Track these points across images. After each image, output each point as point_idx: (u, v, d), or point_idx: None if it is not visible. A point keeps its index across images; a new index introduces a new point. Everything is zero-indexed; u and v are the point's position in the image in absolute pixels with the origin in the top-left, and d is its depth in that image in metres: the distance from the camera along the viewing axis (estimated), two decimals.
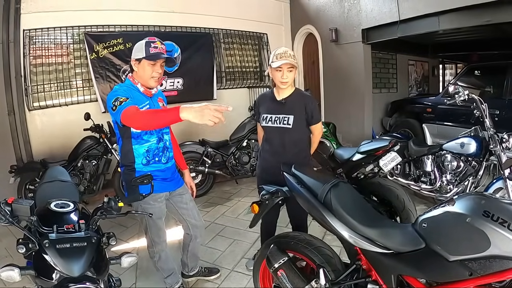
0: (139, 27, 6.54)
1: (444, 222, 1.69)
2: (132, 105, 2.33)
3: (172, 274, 3.06)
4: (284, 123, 2.93)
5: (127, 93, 2.48)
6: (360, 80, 7.41)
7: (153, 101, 2.73)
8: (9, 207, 1.89)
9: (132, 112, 2.26)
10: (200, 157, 5.83)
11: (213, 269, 3.50)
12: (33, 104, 5.72)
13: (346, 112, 7.75)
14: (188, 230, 3.11)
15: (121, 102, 2.34)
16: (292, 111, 2.93)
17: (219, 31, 7.77)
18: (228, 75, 8.01)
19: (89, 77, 6.13)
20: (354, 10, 7.19)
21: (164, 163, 2.80)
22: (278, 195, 2.39)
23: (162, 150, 2.78)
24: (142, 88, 2.64)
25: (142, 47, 2.54)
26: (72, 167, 5.26)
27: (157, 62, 2.58)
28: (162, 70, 2.67)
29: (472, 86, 6.58)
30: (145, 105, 2.60)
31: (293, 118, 2.91)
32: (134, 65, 2.62)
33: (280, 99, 2.97)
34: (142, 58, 2.54)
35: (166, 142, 2.83)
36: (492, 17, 4.99)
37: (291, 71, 2.85)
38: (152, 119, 2.20)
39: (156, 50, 2.55)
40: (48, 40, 5.83)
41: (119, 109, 2.32)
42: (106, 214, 2.12)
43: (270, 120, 2.99)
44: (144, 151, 2.68)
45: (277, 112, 2.97)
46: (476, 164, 4.05)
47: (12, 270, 1.79)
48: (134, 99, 2.47)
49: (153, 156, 2.72)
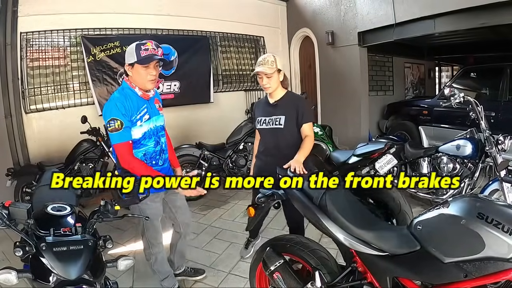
0: (136, 30, 6.54)
1: (439, 224, 1.70)
2: (127, 142, 2.52)
3: (168, 277, 3.08)
4: (276, 123, 3.05)
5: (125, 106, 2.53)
6: (356, 82, 7.43)
7: (150, 104, 2.76)
8: (6, 210, 1.89)
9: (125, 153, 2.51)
10: (197, 160, 5.83)
11: (199, 269, 3.53)
12: (30, 107, 5.71)
13: (342, 114, 7.77)
14: (179, 228, 3.15)
15: (116, 129, 2.47)
16: (283, 112, 3.04)
17: (216, 34, 7.79)
18: (225, 78, 8.01)
19: (86, 80, 6.12)
20: (350, 13, 7.21)
21: (161, 165, 2.86)
22: (274, 198, 2.40)
23: (159, 153, 2.84)
24: (140, 92, 2.66)
25: (132, 51, 2.54)
26: (69, 170, 5.26)
27: (150, 65, 2.57)
28: (157, 71, 2.66)
29: (468, 88, 6.59)
30: (143, 109, 2.65)
31: (284, 118, 3.02)
32: (128, 70, 2.63)
33: (273, 102, 3.10)
34: (134, 62, 2.54)
35: (163, 145, 2.88)
36: (487, 19, 5.02)
37: (270, 77, 2.96)
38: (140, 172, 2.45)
39: (147, 52, 2.54)
40: (45, 43, 5.82)
41: (114, 137, 2.50)
42: (102, 217, 2.13)
43: (264, 122, 3.13)
44: (141, 155, 2.71)
45: (270, 114, 3.10)
46: (472, 166, 4.07)
47: (9, 273, 1.80)
48: (133, 107, 2.57)
49: (150, 159, 2.76)
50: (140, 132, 2.65)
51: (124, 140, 2.50)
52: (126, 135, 2.51)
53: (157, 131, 2.81)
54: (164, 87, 6.75)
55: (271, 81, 2.98)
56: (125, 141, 2.50)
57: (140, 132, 2.65)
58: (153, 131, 2.77)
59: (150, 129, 2.74)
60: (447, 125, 6.57)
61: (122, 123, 2.47)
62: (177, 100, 6.78)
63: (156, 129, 2.81)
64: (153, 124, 2.77)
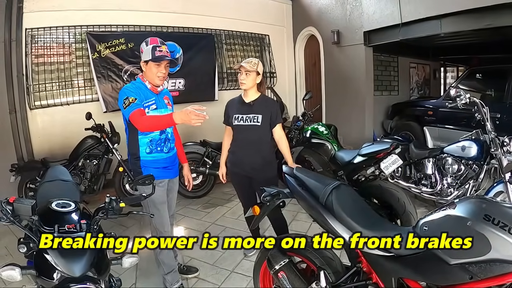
0: (141, 27, 6.55)
1: (445, 226, 1.69)
2: (139, 108, 2.75)
3: (172, 271, 3.12)
4: (254, 121, 3.35)
5: (136, 91, 2.85)
6: (361, 82, 7.41)
7: (159, 98, 3.03)
8: (11, 206, 1.89)
9: (137, 116, 2.70)
10: (201, 158, 5.84)
11: (191, 267, 3.61)
12: (34, 103, 5.72)
13: (347, 114, 7.74)
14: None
15: (130, 103, 2.74)
16: (260, 111, 3.35)
17: (221, 32, 7.78)
18: (230, 76, 8.00)
19: (90, 77, 6.14)
20: (356, 12, 7.19)
21: (166, 153, 3.08)
22: (280, 197, 2.40)
23: (164, 141, 3.06)
24: (150, 85, 2.97)
25: (149, 51, 2.88)
26: (73, 166, 5.28)
27: (162, 63, 2.93)
28: (166, 71, 3.00)
29: (473, 89, 6.58)
30: (151, 99, 2.94)
31: (261, 117, 3.34)
32: (143, 66, 2.97)
33: (249, 101, 3.40)
34: (149, 60, 2.89)
35: (168, 134, 3.11)
36: (492, 20, 5.01)
37: (248, 75, 3.29)
38: (152, 124, 2.75)
39: (161, 53, 2.89)
40: (50, 39, 5.85)
41: (128, 110, 2.74)
42: (107, 215, 2.12)
43: (242, 119, 3.39)
44: (148, 141, 2.97)
45: (247, 112, 3.38)
46: (477, 168, 4.05)
47: (13, 270, 1.80)
48: (142, 95, 2.88)
49: (156, 145, 3.01)
50: None
51: (136, 108, 2.73)
52: (138, 104, 2.77)
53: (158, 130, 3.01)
54: (169, 85, 6.75)
55: (248, 78, 3.29)
56: (138, 108, 2.74)
57: None
58: None
59: None
60: (452, 126, 6.56)
61: (135, 99, 2.76)
62: (181, 98, 6.76)
63: None
64: (160, 114, 2.94)
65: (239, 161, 3.48)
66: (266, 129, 3.39)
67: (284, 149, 3.51)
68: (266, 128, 3.39)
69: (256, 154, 3.38)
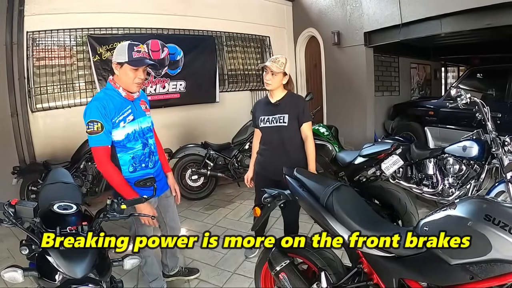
0: (142, 30, 6.54)
1: (446, 226, 1.69)
2: (103, 146, 2.47)
3: (157, 279, 3.08)
4: (280, 122, 3.19)
5: (106, 106, 2.46)
6: (362, 83, 7.40)
7: (135, 105, 2.70)
8: (13, 208, 1.90)
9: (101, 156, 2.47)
10: (203, 159, 5.85)
11: (193, 269, 3.57)
12: (36, 106, 5.73)
13: (348, 115, 7.74)
14: (166, 232, 3.14)
15: (94, 132, 2.43)
16: (286, 110, 3.19)
17: (222, 34, 7.78)
18: (231, 78, 8.00)
19: (92, 79, 6.14)
20: (356, 13, 7.19)
21: (151, 168, 2.80)
22: (280, 198, 2.40)
23: (148, 155, 2.77)
24: (124, 93, 2.60)
25: (124, 50, 2.49)
26: (74, 168, 5.29)
27: (140, 68, 2.54)
28: (145, 76, 2.61)
29: (474, 89, 6.57)
30: (126, 110, 2.59)
31: (287, 116, 3.17)
32: (116, 68, 2.56)
33: (274, 101, 3.25)
34: (124, 62, 2.49)
35: (151, 146, 2.82)
36: (493, 20, 5.00)
37: (274, 76, 3.13)
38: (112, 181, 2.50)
39: (139, 54, 2.51)
40: (52, 42, 5.84)
41: (91, 140, 2.45)
42: (109, 217, 2.13)
43: (268, 121, 3.25)
44: (130, 158, 2.66)
45: (273, 113, 3.24)
46: (478, 168, 4.04)
47: (16, 271, 1.81)
48: (115, 108, 2.51)
49: (139, 162, 2.71)
50: (123, 134, 2.58)
51: (102, 145, 2.46)
52: (104, 139, 2.46)
53: (143, 133, 2.74)
54: (170, 87, 6.75)
55: (274, 79, 3.14)
56: (103, 145, 2.46)
57: (123, 134, 2.58)
58: (139, 132, 2.69)
59: (135, 130, 2.66)
60: (453, 126, 6.56)
61: (102, 126, 2.42)
62: (182, 100, 6.80)
63: (143, 130, 2.74)
64: (139, 125, 2.70)
65: (265, 164, 3.36)
66: (294, 129, 3.21)
67: (308, 151, 3.23)
68: (294, 128, 3.21)
69: (283, 157, 3.17)
